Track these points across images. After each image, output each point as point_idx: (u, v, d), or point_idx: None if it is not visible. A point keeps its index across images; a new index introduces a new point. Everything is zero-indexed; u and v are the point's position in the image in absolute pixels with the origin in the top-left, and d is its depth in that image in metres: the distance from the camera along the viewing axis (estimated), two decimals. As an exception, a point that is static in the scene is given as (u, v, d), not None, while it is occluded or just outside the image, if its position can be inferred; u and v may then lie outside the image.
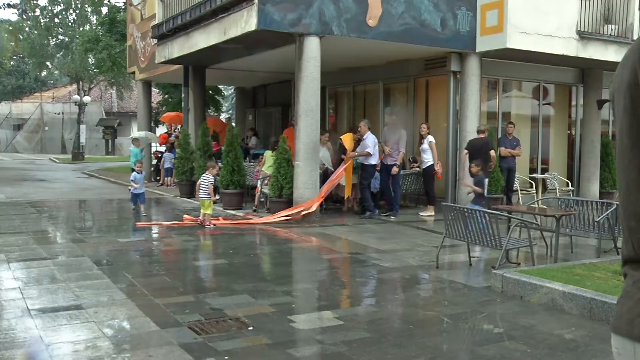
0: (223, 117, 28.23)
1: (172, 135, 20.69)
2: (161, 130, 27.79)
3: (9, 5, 33.22)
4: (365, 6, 12.32)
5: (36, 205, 14.76)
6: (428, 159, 13.71)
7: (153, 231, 11.58)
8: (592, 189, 16.45)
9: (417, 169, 14.49)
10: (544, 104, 16.50)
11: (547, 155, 16.70)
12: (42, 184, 21.54)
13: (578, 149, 16.85)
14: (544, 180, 15.61)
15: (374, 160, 13.14)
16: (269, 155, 13.80)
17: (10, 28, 46.71)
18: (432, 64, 14.77)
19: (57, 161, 37.34)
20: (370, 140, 13.03)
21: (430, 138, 13.72)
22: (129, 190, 13.94)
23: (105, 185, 21.49)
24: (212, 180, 12.03)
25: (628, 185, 1.41)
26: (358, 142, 13.48)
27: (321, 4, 11.88)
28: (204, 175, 12.20)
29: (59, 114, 50.35)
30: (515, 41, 13.08)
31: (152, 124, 27.59)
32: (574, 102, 17.01)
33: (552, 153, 16.77)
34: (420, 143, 14.07)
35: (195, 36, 14.32)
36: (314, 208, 12.22)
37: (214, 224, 11.75)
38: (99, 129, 48.26)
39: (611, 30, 14.68)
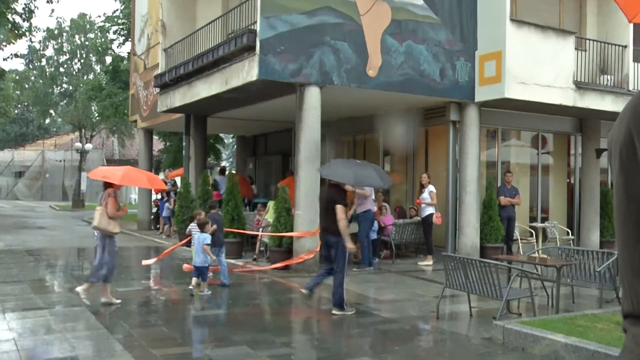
0: (222, 164, 28.31)
1: (169, 184, 20.74)
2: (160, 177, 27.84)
3: (16, 56, 33.80)
4: (365, 57, 12.52)
5: (34, 254, 14.70)
6: (427, 208, 13.72)
7: (152, 280, 11.49)
8: (593, 237, 16.40)
9: (417, 218, 14.48)
10: (542, 153, 16.59)
11: (547, 204, 16.70)
12: (41, 231, 21.49)
13: (578, 198, 16.87)
14: (544, 229, 15.58)
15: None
16: (272, 205, 13.80)
17: (17, 77, 47.35)
18: (432, 113, 14.91)
19: (57, 209, 37.34)
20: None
21: (431, 187, 13.76)
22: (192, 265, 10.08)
23: (104, 233, 21.39)
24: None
25: (625, 239, 1.42)
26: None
27: (322, 55, 12.07)
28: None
29: (60, 161, 50.59)
30: (514, 91, 13.23)
31: (153, 171, 27.66)
32: (572, 151, 17.10)
33: (551, 202, 16.78)
34: (421, 192, 14.10)
35: (197, 86, 14.50)
36: (312, 256, 12.17)
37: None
38: (99, 176, 48.39)
39: (607, 80, 14.88)
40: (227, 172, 19.61)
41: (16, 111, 58.05)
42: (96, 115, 41.01)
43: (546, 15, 14.98)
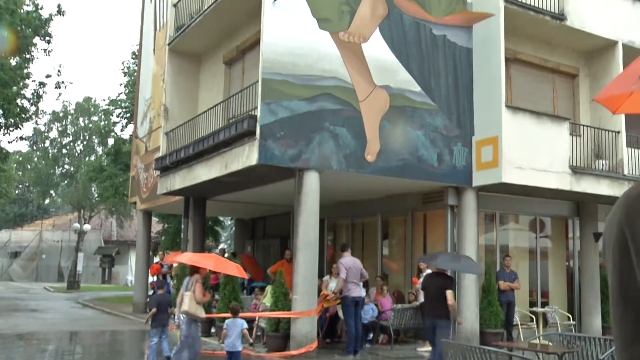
0: (221, 247, 28.20)
1: (165, 266, 20.58)
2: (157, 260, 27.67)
3: (21, 138, 34.48)
4: (364, 142, 12.72)
5: (25, 338, 14.42)
6: (427, 293, 13.58)
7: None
8: (594, 322, 16.16)
9: (416, 303, 14.31)
10: (541, 237, 16.59)
11: (547, 288, 16.55)
12: (34, 314, 21.15)
13: (578, 282, 16.74)
14: (544, 314, 15.38)
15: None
16: (270, 289, 13.67)
17: (20, 159, 47.88)
18: (430, 198, 15.01)
19: (52, 290, 36.88)
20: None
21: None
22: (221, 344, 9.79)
23: (98, 316, 21.10)
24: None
25: (624, 339, 1.42)
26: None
27: (321, 140, 12.27)
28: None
29: (57, 241, 50.38)
30: (511, 176, 13.37)
31: (151, 253, 27.52)
32: (570, 235, 17.10)
33: (551, 286, 16.64)
34: (419, 277, 14.00)
35: (197, 169, 14.65)
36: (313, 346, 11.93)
37: None
38: (96, 257, 48.11)
39: (602, 165, 15.07)
40: (226, 255, 19.52)
41: (17, 192, 58.34)
42: (96, 196, 41.20)
43: (541, 101, 15.36)
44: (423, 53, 13.74)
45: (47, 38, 24.30)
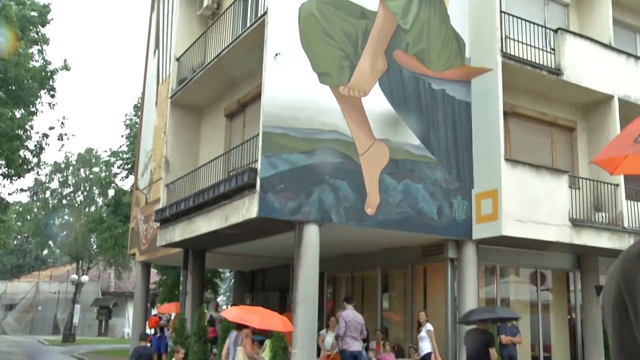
0: (219, 300, 27.98)
1: (164, 319, 20.36)
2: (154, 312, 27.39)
3: (22, 190, 34.64)
4: (364, 195, 12.76)
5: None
6: (426, 347, 13.41)
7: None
8: (599, 378, 15.91)
9: (417, 356, 14.12)
10: (542, 290, 16.47)
11: (549, 342, 16.34)
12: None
13: (580, 335, 16.53)
14: (548, 369, 15.14)
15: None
16: (269, 343, 13.48)
17: (20, 209, 47.83)
18: (430, 251, 14.97)
19: (47, 343, 36.33)
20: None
21: (429, 326, 13.53)
22: None
23: (95, 370, 20.74)
24: None
25: None
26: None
27: (321, 193, 12.30)
28: None
29: (54, 293, 49.89)
30: (511, 229, 13.36)
31: (149, 305, 27.26)
32: (572, 288, 16.97)
33: (553, 339, 16.43)
34: (419, 331, 13.85)
35: (197, 221, 14.65)
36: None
37: None
38: (93, 309, 47.59)
39: (602, 218, 15.07)
40: (225, 307, 19.31)
41: (15, 242, 58.10)
42: (95, 247, 41.02)
43: (539, 154, 15.46)
44: (422, 107, 13.92)
45: (52, 92, 24.63)
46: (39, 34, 24.45)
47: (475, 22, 14.80)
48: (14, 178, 24.69)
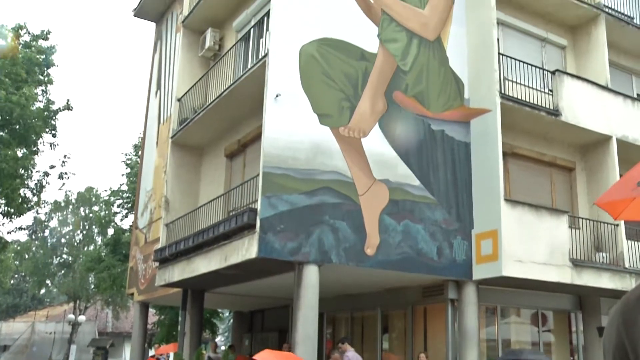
0: (218, 340, 27.71)
1: (162, 360, 20.14)
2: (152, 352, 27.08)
3: (20, 228, 34.54)
4: (364, 236, 12.75)
5: None
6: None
7: None
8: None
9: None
10: (543, 331, 16.32)
11: (552, 384, 16.14)
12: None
13: (584, 378, 16.34)
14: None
15: None
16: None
17: (18, 248, 47.63)
18: (430, 291, 14.88)
19: (42, 384, 35.78)
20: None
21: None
22: None
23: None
24: None
25: None
26: None
27: (320, 234, 12.29)
28: None
29: (50, 333, 49.29)
30: (511, 269, 13.30)
31: (146, 346, 26.96)
32: (574, 329, 16.82)
33: (557, 382, 16.23)
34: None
35: (196, 261, 14.59)
36: None
37: None
38: (89, 349, 46.94)
39: (603, 258, 15.03)
40: (222, 348, 19.11)
41: (12, 282, 57.69)
42: (93, 286, 40.74)
43: (539, 194, 15.50)
44: (422, 148, 14.00)
45: (54, 132, 24.76)
46: (44, 75, 24.70)
47: (473, 63, 14.99)
48: (13, 217, 24.64)
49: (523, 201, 14.18)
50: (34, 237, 47.62)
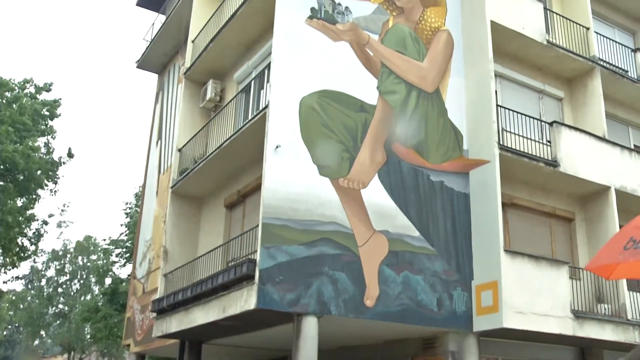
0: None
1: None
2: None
3: (17, 278, 34.42)
4: (363, 287, 12.67)
5: None
6: None
7: None
8: None
9: None
10: (547, 385, 16.04)
11: None
12: None
13: None
14: None
15: None
16: None
17: (13, 298, 47.21)
18: (430, 343, 14.68)
19: None
20: None
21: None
22: None
23: None
24: None
25: None
26: None
27: (320, 285, 12.21)
28: None
29: (43, 385, 48.48)
30: (512, 321, 13.17)
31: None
32: (578, 383, 16.55)
33: None
34: None
35: (194, 312, 14.45)
36: None
37: None
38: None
39: (604, 309, 14.90)
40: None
41: (4, 332, 56.93)
42: (89, 337, 40.23)
43: (539, 245, 15.45)
44: (421, 198, 14.03)
45: (55, 179, 24.91)
46: (48, 126, 24.99)
47: (472, 115, 15.15)
48: (9, 267, 24.54)
49: (523, 252, 14.13)
50: (30, 286, 47.25)
